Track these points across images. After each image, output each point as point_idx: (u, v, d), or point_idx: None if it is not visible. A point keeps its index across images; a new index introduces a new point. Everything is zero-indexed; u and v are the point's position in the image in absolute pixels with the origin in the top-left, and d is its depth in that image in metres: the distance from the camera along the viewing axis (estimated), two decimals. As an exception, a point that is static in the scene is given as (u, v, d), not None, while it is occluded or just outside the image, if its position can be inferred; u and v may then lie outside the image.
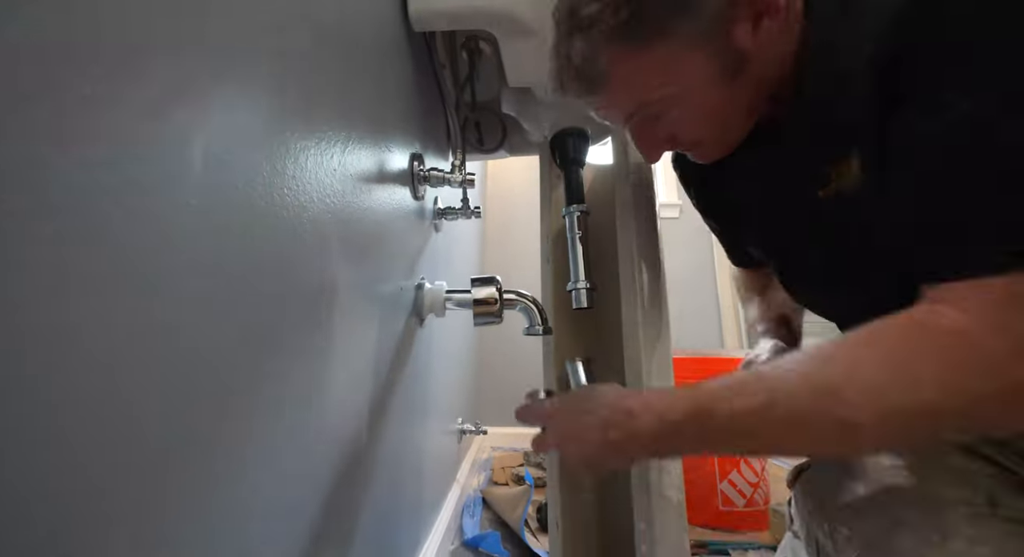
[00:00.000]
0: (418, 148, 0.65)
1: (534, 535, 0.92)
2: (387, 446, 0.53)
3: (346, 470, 0.40)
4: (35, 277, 0.14)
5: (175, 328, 0.20)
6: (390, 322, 0.54)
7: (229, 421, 0.24)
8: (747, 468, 1.05)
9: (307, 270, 0.32)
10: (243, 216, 0.25)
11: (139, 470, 0.18)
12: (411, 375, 0.65)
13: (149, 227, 0.19)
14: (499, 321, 0.61)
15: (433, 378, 0.82)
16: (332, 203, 0.36)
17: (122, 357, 0.18)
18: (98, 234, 0.17)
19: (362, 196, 0.43)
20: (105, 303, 0.17)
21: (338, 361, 0.38)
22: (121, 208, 0.17)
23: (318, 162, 0.34)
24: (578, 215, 0.68)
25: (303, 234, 0.32)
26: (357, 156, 0.42)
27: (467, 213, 0.78)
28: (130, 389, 0.18)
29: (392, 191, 0.54)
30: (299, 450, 0.32)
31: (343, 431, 0.40)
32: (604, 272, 0.70)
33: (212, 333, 0.23)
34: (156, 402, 0.19)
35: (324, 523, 0.36)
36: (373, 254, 0.47)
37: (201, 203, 0.22)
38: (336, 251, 0.37)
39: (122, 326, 0.17)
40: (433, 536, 0.78)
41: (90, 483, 0.16)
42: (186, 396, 0.21)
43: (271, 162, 0.28)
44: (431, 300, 0.65)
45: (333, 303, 0.37)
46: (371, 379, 0.47)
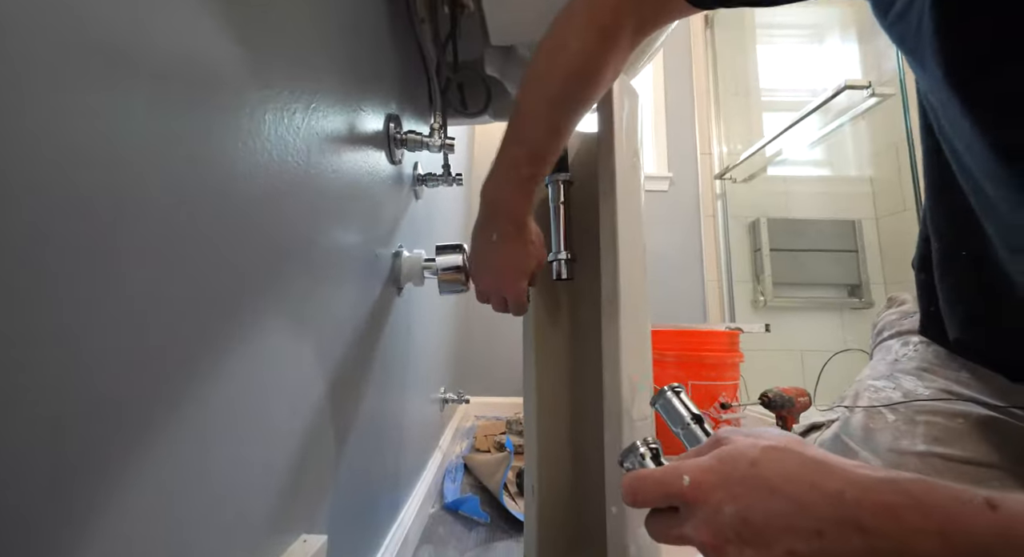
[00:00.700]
0: (394, 109, 0.62)
1: (512, 499, 0.95)
2: (364, 411, 0.53)
3: (319, 431, 0.40)
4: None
5: (128, 297, 0.19)
6: (365, 289, 0.53)
7: (195, 383, 0.23)
8: (720, 436, 1.09)
9: (263, 232, 0.31)
10: (188, 175, 0.23)
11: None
12: (389, 343, 0.64)
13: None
14: (466, 289, 0.61)
15: (414, 346, 0.82)
16: (295, 162, 0.34)
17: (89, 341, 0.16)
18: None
19: (330, 157, 0.41)
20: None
21: (307, 327, 0.37)
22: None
23: (278, 118, 0.32)
24: (559, 183, 0.67)
25: (258, 194, 0.30)
26: (325, 114, 0.40)
27: (448, 180, 0.75)
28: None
29: (366, 154, 0.52)
30: (269, 411, 0.31)
31: (313, 394, 0.39)
32: (586, 243, 0.69)
33: (165, 303, 0.21)
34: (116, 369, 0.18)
35: (298, 481, 0.36)
36: (343, 219, 0.45)
37: (143, 158, 0.20)
38: (298, 214, 0.36)
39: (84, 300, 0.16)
40: (414, 499, 0.80)
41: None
42: (143, 365, 0.20)
43: (222, 116, 0.26)
44: (409, 268, 0.64)
45: (299, 268, 0.35)
46: (344, 345, 0.46)
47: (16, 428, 0.15)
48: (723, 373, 1.14)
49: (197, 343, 0.24)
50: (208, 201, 0.25)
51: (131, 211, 0.20)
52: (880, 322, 0.52)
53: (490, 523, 0.87)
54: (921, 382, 0.40)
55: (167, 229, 0.22)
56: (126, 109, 0.19)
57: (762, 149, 1.78)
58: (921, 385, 0.40)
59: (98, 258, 0.18)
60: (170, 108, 0.22)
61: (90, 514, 0.18)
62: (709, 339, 1.15)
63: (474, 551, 0.77)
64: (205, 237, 0.25)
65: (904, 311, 0.50)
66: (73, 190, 0.17)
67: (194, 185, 0.24)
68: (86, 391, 0.18)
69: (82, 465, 0.18)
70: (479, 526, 0.86)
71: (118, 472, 0.20)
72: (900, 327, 0.48)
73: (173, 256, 0.22)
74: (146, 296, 0.21)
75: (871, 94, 1.32)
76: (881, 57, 1.63)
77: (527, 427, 0.71)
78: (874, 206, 1.91)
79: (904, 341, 0.46)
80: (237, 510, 0.29)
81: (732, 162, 1.96)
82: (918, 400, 0.38)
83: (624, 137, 0.65)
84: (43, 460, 0.16)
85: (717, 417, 1.09)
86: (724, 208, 2.02)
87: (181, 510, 0.24)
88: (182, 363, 0.23)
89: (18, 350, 0.15)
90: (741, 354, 1.18)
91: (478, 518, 0.88)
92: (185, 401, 0.24)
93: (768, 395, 0.92)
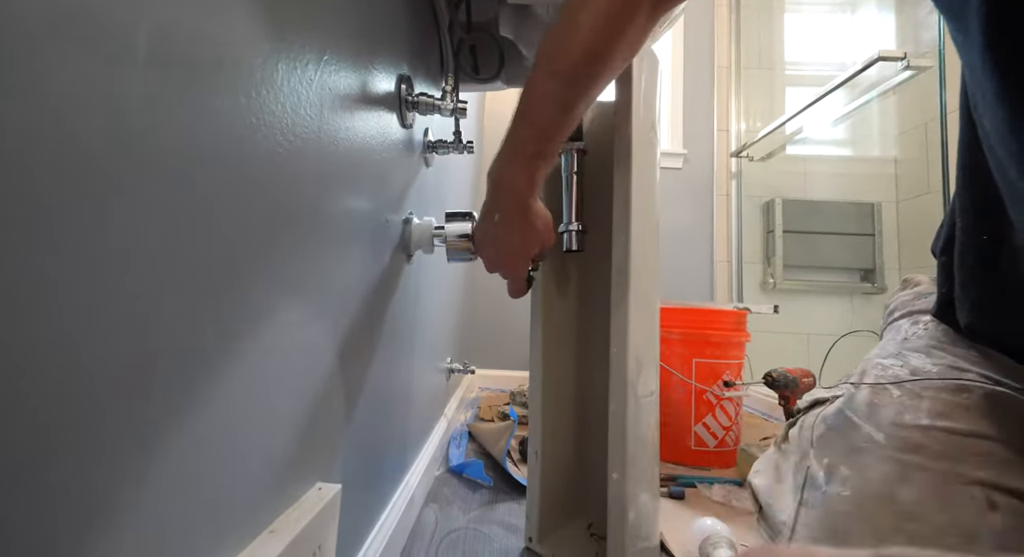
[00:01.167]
0: (406, 70, 0.60)
1: (515, 465, 0.97)
2: (373, 373, 0.54)
3: (331, 389, 0.41)
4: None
5: (130, 256, 0.19)
6: (375, 253, 0.53)
7: (208, 341, 0.24)
8: (722, 413, 1.10)
9: (270, 192, 0.31)
10: (197, 125, 0.23)
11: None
12: (399, 309, 0.65)
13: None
14: (474, 258, 0.61)
15: (422, 314, 0.83)
16: (308, 116, 0.34)
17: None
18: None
19: (342, 115, 0.40)
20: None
21: (318, 288, 0.38)
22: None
23: (291, 68, 0.31)
24: (573, 152, 0.65)
25: (270, 148, 0.30)
26: (337, 68, 0.39)
27: (459, 147, 0.74)
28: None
29: (377, 115, 0.51)
30: (280, 370, 0.32)
31: (325, 354, 0.40)
32: (599, 215, 0.68)
33: (169, 267, 0.22)
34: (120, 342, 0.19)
35: (313, 435, 0.37)
36: (354, 181, 0.45)
37: (145, 119, 0.20)
38: (308, 172, 0.35)
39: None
40: (420, 462, 0.83)
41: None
42: (157, 328, 0.20)
43: (234, 67, 0.25)
44: (419, 235, 0.64)
45: (306, 229, 0.35)
46: (355, 308, 0.47)
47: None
48: (728, 352, 1.14)
49: (225, 303, 0.25)
50: (217, 153, 0.25)
51: (135, 159, 0.20)
52: (893, 303, 0.51)
53: (493, 486, 0.90)
54: (929, 359, 0.40)
55: (179, 180, 0.22)
56: (126, 63, 0.19)
57: (782, 126, 1.72)
58: (929, 362, 0.39)
59: (103, 216, 0.18)
60: (175, 66, 0.22)
61: (137, 450, 0.19)
62: (716, 318, 1.15)
63: (478, 511, 0.80)
64: (218, 189, 0.25)
65: (918, 292, 0.49)
66: (66, 129, 0.17)
67: (204, 137, 0.24)
68: (128, 349, 0.18)
69: (127, 412, 0.19)
70: (482, 488, 0.89)
71: (160, 417, 0.20)
72: (912, 307, 0.47)
73: (182, 210, 0.22)
74: (155, 269, 0.21)
75: (905, 66, 1.25)
76: (920, 27, 1.54)
77: (532, 394, 0.72)
78: (896, 188, 1.86)
79: (915, 320, 0.45)
80: (263, 457, 0.30)
81: (750, 140, 1.90)
82: (926, 379, 0.38)
83: (642, 104, 0.63)
84: (87, 408, 0.17)
85: (720, 394, 1.10)
86: (739, 187, 1.98)
87: (216, 455, 0.25)
88: (204, 325, 0.24)
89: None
90: (748, 334, 1.18)
91: (482, 481, 0.90)
92: (212, 357, 0.24)
93: (772, 375, 0.93)
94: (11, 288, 0.15)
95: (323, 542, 0.37)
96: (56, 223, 0.16)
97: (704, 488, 0.92)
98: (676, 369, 1.11)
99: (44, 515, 0.16)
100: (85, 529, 0.18)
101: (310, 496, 0.37)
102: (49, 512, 0.16)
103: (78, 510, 0.18)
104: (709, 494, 0.90)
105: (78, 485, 0.17)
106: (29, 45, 0.15)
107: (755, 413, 1.61)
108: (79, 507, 0.18)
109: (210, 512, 0.26)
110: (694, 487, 0.93)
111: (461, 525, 0.75)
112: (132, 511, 0.20)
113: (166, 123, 0.21)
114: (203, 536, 0.25)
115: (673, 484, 0.92)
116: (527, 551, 0.69)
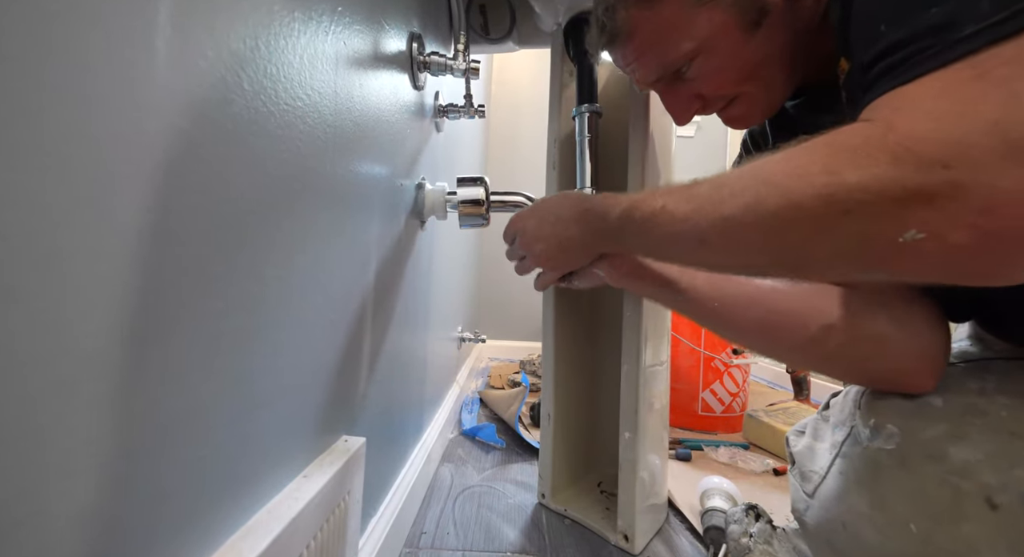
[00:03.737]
0: (417, 28, 0.58)
1: (526, 429, 1.00)
2: (391, 335, 0.55)
3: (354, 346, 0.42)
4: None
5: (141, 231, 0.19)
6: (391, 218, 0.53)
7: (218, 301, 0.24)
8: (730, 380, 1.12)
9: (285, 157, 0.31)
10: (217, 91, 0.23)
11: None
12: (413, 274, 0.65)
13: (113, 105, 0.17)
14: (486, 224, 0.60)
15: (435, 280, 0.84)
16: (324, 70, 0.33)
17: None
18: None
19: (355, 74, 0.40)
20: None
21: (339, 247, 0.38)
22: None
23: (307, 16, 0.30)
24: (588, 115, 0.64)
25: (286, 105, 0.29)
26: (351, 23, 0.38)
27: (470, 112, 0.73)
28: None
29: (390, 75, 0.50)
30: (303, 333, 0.33)
31: (348, 312, 0.41)
32: (614, 180, 0.68)
33: (189, 230, 0.21)
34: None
35: (338, 389, 0.39)
36: (370, 142, 0.44)
37: (168, 81, 0.19)
38: (326, 135, 0.35)
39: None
40: (435, 424, 0.85)
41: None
42: (172, 288, 0.21)
43: (254, 14, 0.25)
44: (432, 201, 0.64)
45: (321, 192, 0.35)
46: (372, 269, 0.47)
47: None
48: (738, 321, 1.14)
49: (258, 255, 0.25)
50: (235, 105, 0.25)
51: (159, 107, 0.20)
52: None
53: (505, 448, 0.93)
54: (982, 344, 0.38)
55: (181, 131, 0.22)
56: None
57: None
58: (984, 346, 0.38)
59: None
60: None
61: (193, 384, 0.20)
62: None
63: (491, 470, 0.83)
64: (219, 170, 0.25)
65: None
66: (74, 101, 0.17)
67: (219, 90, 0.23)
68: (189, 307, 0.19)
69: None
70: (495, 450, 0.92)
71: (212, 360, 0.21)
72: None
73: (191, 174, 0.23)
74: (172, 234, 0.21)
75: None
76: None
77: (545, 360, 0.73)
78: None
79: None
80: (294, 405, 0.31)
81: (766, 105, 1.84)
82: (993, 357, 0.36)
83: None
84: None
85: (728, 362, 1.11)
86: (752, 156, 1.93)
87: (258, 397, 0.26)
88: (207, 289, 0.24)
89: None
90: (758, 303, 1.17)
91: (494, 443, 0.93)
92: (256, 308, 0.25)
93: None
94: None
95: (351, 489, 0.39)
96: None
97: (711, 450, 0.95)
98: (686, 337, 1.12)
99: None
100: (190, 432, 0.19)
101: (338, 447, 0.39)
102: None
103: (187, 423, 0.19)
104: (715, 456, 0.93)
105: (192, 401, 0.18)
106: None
107: (762, 382, 1.63)
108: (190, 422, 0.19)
109: (256, 448, 0.27)
110: (701, 450, 0.96)
111: (476, 482, 0.78)
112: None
113: (191, 65, 0.21)
114: (243, 472, 0.27)
115: (680, 447, 0.95)
116: (540, 506, 0.72)
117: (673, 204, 0.33)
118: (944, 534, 0.28)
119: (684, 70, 0.41)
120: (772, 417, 1.02)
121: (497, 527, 0.65)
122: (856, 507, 0.33)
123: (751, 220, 0.27)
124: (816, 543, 0.38)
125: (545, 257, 0.47)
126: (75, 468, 0.16)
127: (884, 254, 0.24)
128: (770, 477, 0.86)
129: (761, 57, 0.38)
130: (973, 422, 0.31)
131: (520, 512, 0.70)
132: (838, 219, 0.24)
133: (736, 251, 0.30)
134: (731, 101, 0.42)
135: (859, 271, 0.26)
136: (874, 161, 0.23)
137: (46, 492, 0.15)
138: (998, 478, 0.28)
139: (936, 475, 0.30)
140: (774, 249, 0.28)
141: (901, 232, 0.22)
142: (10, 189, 0.14)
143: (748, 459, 0.91)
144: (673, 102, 0.44)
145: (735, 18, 0.37)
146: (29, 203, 0.14)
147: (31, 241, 0.14)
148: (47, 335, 0.15)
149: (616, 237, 0.39)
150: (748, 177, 0.28)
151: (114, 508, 0.18)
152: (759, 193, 0.27)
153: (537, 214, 0.47)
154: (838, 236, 0.24)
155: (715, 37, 0.38)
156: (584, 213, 0.42)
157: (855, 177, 0.23)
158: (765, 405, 1.13)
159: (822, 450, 0.39)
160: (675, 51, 0.40)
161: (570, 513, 0.69)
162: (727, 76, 0.40)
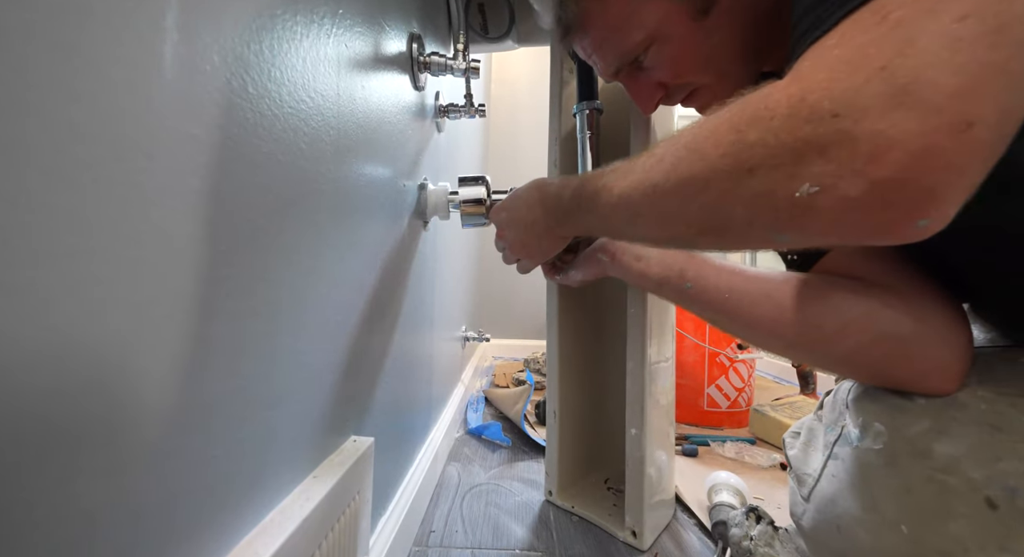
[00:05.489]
0: (416, 28, 0.58)
1: (532, 427, 1.01)
2: (397, 336, 0.55)
3: (361, 346, 0.43)
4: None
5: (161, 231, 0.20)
6: (394, 219, 0.53)
7: (225, 300, 0.25)
8: (735, 375, 1.11)
9: (291, 160, 0.31)
10: (220, 94, 0.23)
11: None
12: (417, 274, 0.66)
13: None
14: (488, 223, 0.61)
15: (439, 280, 0.84)
16: (327, 72, 0.33)
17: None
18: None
19: (356, 75, 0.40)
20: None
21: (343, 250, 0.38)
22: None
23: (309, 20, 0.31)
24: (589, 112, 0.64)
25: (288, 108, 0.30)
26: (351, 25, 0.38)
27: (470, 111, 0.73)
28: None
29: (390, 76, 0.50)
30: (311, 335, 0.33)
31: (350, 321, 0.41)
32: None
33: (194, 233, 0.22)
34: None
35: (347, 389, 0.39)
36: (372, 144, 0.45)
37: (175, 81, 0.20)
38: (329, 138, 0.35)
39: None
40: (440, 425, 0.86)
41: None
42: (177, 298, 0.21)
43: (257, 17, 0.25)
44: (435, 201, 0.64)
45: (327, 195, 0.36)
46: (378, 271, 0.47)
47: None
48: (742, 316, 1.13)
49: (270, 260, 0.25)
50: (239, 109, 0.25)
51: (171, 108, 0.20)
52: None
53: (512, 446, 0.93)
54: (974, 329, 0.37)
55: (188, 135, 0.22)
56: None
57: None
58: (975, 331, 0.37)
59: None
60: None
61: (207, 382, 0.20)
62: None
63: (498, 468, 0.84)
64: (227, 175, 0.25)
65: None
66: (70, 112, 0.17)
67: (225, 94, 0.24)
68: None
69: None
70: (501, 449, 0.92)
71: (227, 350, 0.21)
72: None
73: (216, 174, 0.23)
74: (177, 239, 0.21)
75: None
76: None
77: (549, 357, 0.74)
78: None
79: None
80: (303, 407, 0.32)
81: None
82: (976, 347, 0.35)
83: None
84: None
85: (733, 357, 1.11)
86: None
87: (271, 397, 0.26)
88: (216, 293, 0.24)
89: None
90: (762, 297, 1.17)
91: (500, 442, 0.94)
92: (271, 311, 0.25)
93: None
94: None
95: (361, 489, 0.39)
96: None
97: (717, 446, 0.95)
98: (690, 333, 1.12)
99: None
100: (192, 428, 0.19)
101: (346, 447, 0.39)
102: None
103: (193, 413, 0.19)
104: (722, 451, 0.93)
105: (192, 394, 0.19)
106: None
107: (767, 376, 1.62)
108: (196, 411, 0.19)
109: (268, 449, 0.27)
110: (707, 445, 0.96)
111: (483, 480, 0.79)
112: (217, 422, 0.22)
113: (200, 66, 0.21)
114: (250, 475, 0.27)
115: (686, 443, 0.95)
116: (548, 503, 0.72)
117: (613, 180, 0.35)
118: (934, 533, 0.28)
119: (642, 59, 0.41)
120: (778, 412, 1.02)
121: (505, 525, 0.66)
122: (849, 510, 0.33)
123: (671, 185, 0.28)
124: (814, 546, 0.37)
125: (519, 244, 0.50)
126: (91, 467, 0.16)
127: (787, 212, 0.23)
128: (777, 472, 0.86)
129: (716, 42, 0.38)
130: (954, 416, 0.30)
131: (527, 509, 0.70)
132: (744, 177, 0.24)
133: (663, 221, 0.30)
134: (692, 92, 0.42)
135: (773, 234, 0.25)
136: (771, 115, 0.23)
137: (73, 488, 0.15)
138: (982, 472, 0.27)
139: (922, 473, 0.29)
140: (694, 214, 0.28)
141: (797, 186, 0.22)
142: (48, 207, 0.14)
143: (755, 454, 0.91)
144: (636, 91, 0.44)
145: (682, 5, 0.37)
146: (43, 205, 0.14)
147: (56, 244, 0.14)
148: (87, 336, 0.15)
149: (572, 217, 0.42)
150: (672, 143, 0.29)
151: (134, 506, 0.18)
152: (679, 157, 0.28)
153: (509, 204, 0.51)
154: (747, 196, 0.24)
155: (665, 25, 0.38)
156: (544, 197, 0.46)
157: (756, 133, 0.23)
158: (771, 400, 1.13)
159: (815, 452, 0.39)
160: (628, 41, 0.40)
161: (577, 510, 0.69)
162: (684, 63, 0.40)
